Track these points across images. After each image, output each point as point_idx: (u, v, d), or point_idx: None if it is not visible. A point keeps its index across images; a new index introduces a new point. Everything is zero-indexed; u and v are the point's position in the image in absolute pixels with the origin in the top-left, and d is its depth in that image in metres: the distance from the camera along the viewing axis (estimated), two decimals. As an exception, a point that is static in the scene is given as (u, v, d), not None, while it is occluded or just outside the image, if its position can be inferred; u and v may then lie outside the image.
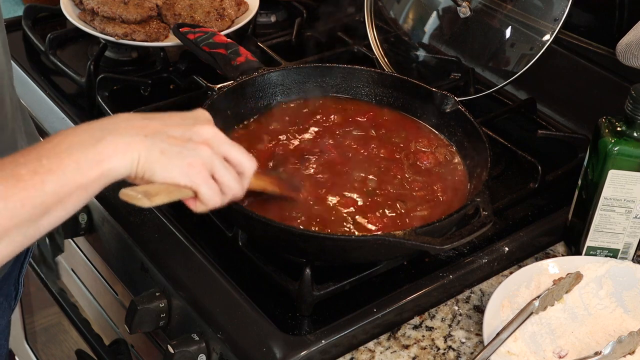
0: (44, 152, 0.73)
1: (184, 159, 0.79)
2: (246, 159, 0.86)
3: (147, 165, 0.77)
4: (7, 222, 0.70)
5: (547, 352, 0.97)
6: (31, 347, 1.79)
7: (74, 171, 0.73)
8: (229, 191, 0.84)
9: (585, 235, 1.09)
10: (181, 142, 0.80)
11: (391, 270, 1.05)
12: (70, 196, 0.74)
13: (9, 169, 0.72)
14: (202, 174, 0.80)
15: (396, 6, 1.48)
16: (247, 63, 1.19)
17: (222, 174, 0.82)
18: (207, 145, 0.81)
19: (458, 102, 1.16)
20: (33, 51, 1.49)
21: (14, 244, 0.73)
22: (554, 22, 1.26)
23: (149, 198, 0.78)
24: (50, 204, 0.73)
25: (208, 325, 0.97)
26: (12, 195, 0.70)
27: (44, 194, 0.72)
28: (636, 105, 1.01)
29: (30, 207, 0.71)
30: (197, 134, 0.81)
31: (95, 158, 0.74)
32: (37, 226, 0.73)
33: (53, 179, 0.72)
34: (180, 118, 0.83)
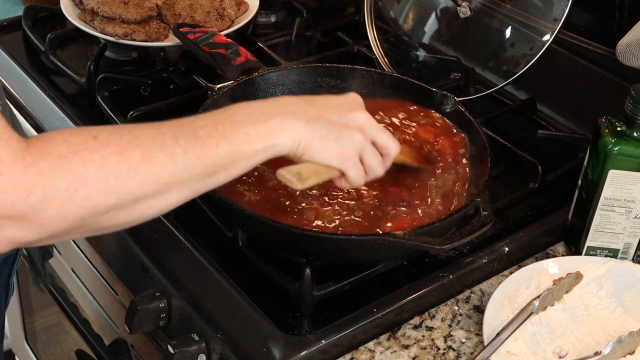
0: (220, 120, 0.82)
1: (339, 145, 0.88)
2: (392, 142, 0.94)
3: (307, 148, 0.86)
4: (183, 174, 0.77)
5: (547, 352, 0.97)
6: (31, 347, 1.79)
7: (243, 141, 0.81)
8: (373, 172, 0.92)
9: (585, 235, 1.09)
10: (338, 127, 0.88)
11: (391, 270, 1.05)
12: (236, 162, 0.82)
13: (190, 128, 0.79)
14: (353, 158, 0.90)
15: (396, 6, 1.48)
16: (247, 63, 1.19)
17: (370, 158, 0.91)
18: (360, 132, 0.90)
19: (458, 102, 1.16)
20: (33, 51, 1.49)
21: (183, 195, 0.80)
22: (554, 22, 1.26)
23: (302, 182, 0.87)
24: (220, 166, 0.80)
25: (208, 325, 0.97)
26: (190, 151, 0.77)
27: (216, 155, 0.79)
28: (636, 105, 1.01)
29: (203, 164, 0.79)
30: (353, 119, 0.89)
31: (263, 133, 0.83)
32: (204, 183, 0.81)
33: (225, 143, 0.80)
34: (337, 103, 0.91)
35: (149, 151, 0.75)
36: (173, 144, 0.77)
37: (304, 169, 0.88)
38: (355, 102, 0.92)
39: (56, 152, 0.71)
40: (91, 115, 1.34)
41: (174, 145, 0.77)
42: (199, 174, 0.79)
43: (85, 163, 0.72)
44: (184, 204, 1.10)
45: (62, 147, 0.71)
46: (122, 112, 1.28)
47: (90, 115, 1.34)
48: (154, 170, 0.75)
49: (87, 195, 0.72)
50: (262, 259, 1.02)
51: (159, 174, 0.76)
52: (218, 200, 0.98)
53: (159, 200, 0.78)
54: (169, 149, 0.76)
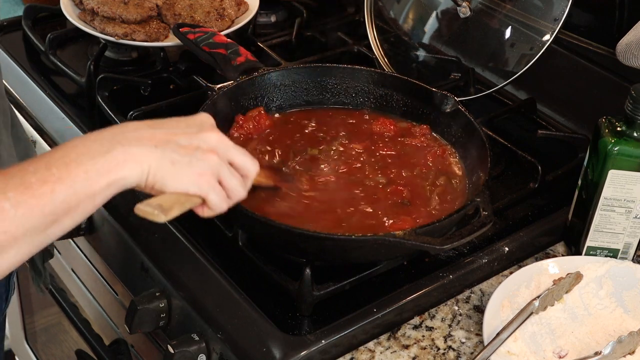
0: (53, 161, 0.74)
1: (193, 169, 0.81)
2: (249, 162, 0.88)
3: (159, 176, 0.79)
4: (17, 230, 0.71)
5: (547, 352, 0.97)
6: (31, 347, 1.79)
7: (83, 181, 0.74)
8: (234, 195, 0.86)
9: (585, 235, 1.09)
10: (190, 150, 0.81)
11: (391, 270, 1.05)
12: (79, 205, 0.74)
13: (19, 177, 0.72)
14: (210, 182, 0.83)
15: (396, 6, 1.48)
16: (247, 63, 1.19)
17: (229, 180, 0.85)
18: (214, 153, 0.83)
19: (458, 102, 1.16)
20: (33, 51, 1.49)
21: (23, 253, 0.73)
22: (554, 22, 1.26)
23: (165, 213, 0.80)
24: (60, 213, 0.73)
25: (208, 325, 0.97)
26: (22, 203, 0.70)
27: (53, 202, 0.72)
28: (636, 105, 1.01)
29: (39, 215, 0.72)
30: (204, 141, 0.83)
31: (104, 168, 0.75)
32: (45, 235, 0.74)
33: (62, 188, 0.73)
34: (185, 125, 0.84)
35: None
36: (1, 199, 0.70)
37: (163, 200, 0.80)
38: (206, 123, 0.86)
39: None
40: (91, 115, 1.34)
41: (3, 201, 0.69)
42: (37, 226, 0.72)
43: None
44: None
45: None
46: (122, 112, 1.28)
47: (90, 115, 1.34)
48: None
49: None
50: (262, 259, 1.02)
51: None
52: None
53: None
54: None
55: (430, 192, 1.08)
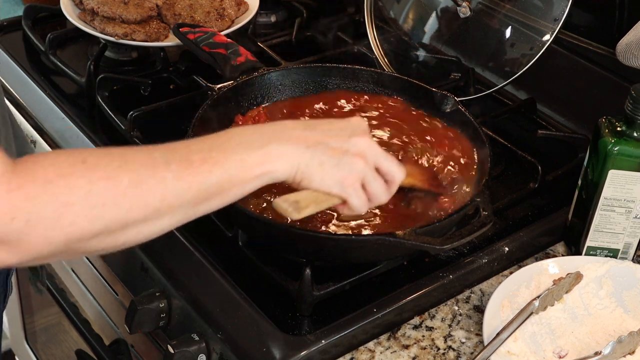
0: (215, 145, 0.80)
1: (340, 172, 0.85)
2: (396, 169, 0.90)
3: (306, 174, 0.84)
4: (174, 200, 0.76)
5: (547, 352, 0.97)
6: (31, 347, 1.79)
7: (237, 168, 0.79)
8: (376, 199, 0.90)
9: (585, 235, 1.09)
10: (339, 154, 0.85)
11: (391, 270, 1.05)
12: (230, 189, 0.79)
13: (183, 153, 0.77)
14: (354, 185, 0.87)
15: (396, 6, 1.48)
16: (247, 63, 1.19)
17: (373, 185, 0.88)
18: (361, 158, 0.86)
19: (458, 102, 1.16)
20: (33, 51, 1.49)
21: (174, 221, 0.78)
22: (554, 22, 1.26)
23: (299, 211, 0.85)
24: (212, 193, 0.78)
25: (208, 325, 0.97)
26: (183, 177, 0.75)
27: (209, 182, 0.77)
28: (636, 105, 1.01)
29: (195, 190, 0.77)
30: (354, 145, 0.86)
31: (258, 160, 0.80)
32: (196, 209, 0.79)
33: (219, 170, 0.78)
34: (339, 128, 0.88)
35: (139, 176, 0.73)
36: (164, 170, 0.75)
37: (302, 197, 0.86)
38: (359, 128, 0.89)
39: (42, 176, 0.69)
40: (91, 115, 1.34)
41: (165, 171, 0.75)
42: (191, 200, 0.77)
43: (71, 188, 0.70)
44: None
45: (49, 171, 0.70)
46: (122, 112, 1.28)
47: (90, 115, 1.34)
48: (143, 196, 0.73)
49: (72, 221, 0.70)
50: (262, 259, 1.02)
51: (148, 200, 0.74)
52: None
53: (148, 226, 0.76)
54: (160, 175, 0.74)
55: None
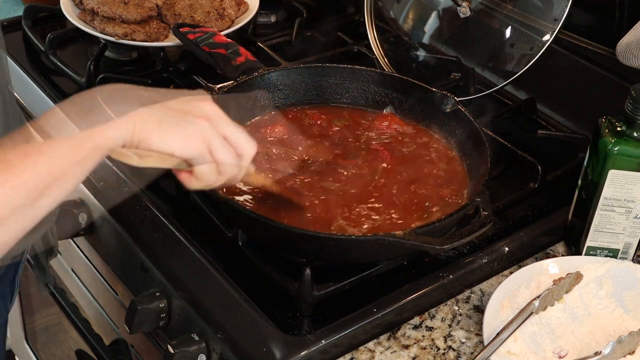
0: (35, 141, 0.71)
1: (182, 130, 0.76)
2: (247, 140, 0.83)
3: (144, 135, 0.74)
4: (5, 207, 0.68)
5: (547, 352, 0.97)
6: (31, 347, 1.79)
7: (66, 149, 0.70)
8: (226, 172, 0.81)
9: (585, 235, 1.09)
10: (180, 113, 0.77)
11: (391, 270, 1.05)
12: (66, 174, 0.71)
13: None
14: (199, 147, 0.78)
15: (396, 6, 1.48)
16: (247, 63, 1.19)
17: (220, 152, 0.79)
18: (206, 120, 0.79)
19: (458, 102, 1.16)
20: (33, 51, 1.49)
21: (14, 230, 0.70)
22: (554, 22, 1.26)
23: (141, 157, 0.76)
24: (46, 185, 0.70)
25: (208, 325, 0.97)
26: (3, 183, 0.67)
27: (36, 176, 0.68)
28: (636, 105, 1.01)
29: (24, 192, 0.68)
30: (197, 107, 0.79)
31: (87, 132, 0.72)
32: (34, 208, 0.70)
33: (44, 159, 0.69)
34: (180, 93, 0.81)
35: None
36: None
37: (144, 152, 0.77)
38: (200, 94, 0.82)
39: None
40: (91, 115, 1.34)
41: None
42: (24, 202, 0.68)
43: None
44: (184, 206, 1.11)
45: None
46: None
47: (90, 115, 1.33)
48: None
49: None
50: (262, 259, 1.02)
51: None
52: (218, 200, 0.98)
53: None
54: None
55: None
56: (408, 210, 1.05)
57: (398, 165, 1.12)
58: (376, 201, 1.05)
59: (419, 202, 1.06)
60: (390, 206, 1.05)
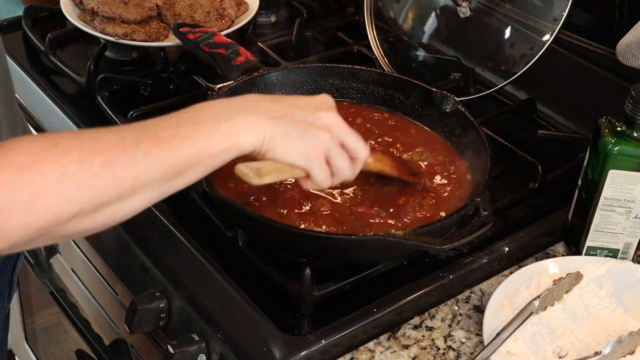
0: (183, 121, 0.80)
1: (304, 143, 0.85)
2: (361, 146, 0.91)
3: (271, 145, 0.84)
4: (147, 178, 0.76)
5: (547, 352, 0.97)
6: (31, 347, 1.79)
7: (206, 141, 0.79)
8: (340, 175, 0.90)
9: (585, 235, 1.09)
10: (304, 126, 0.86)
11: (391, 270, 1.05)
12: (200, 162, 0.80)
13: (152, 131, 0.78)
14: (318, 158, 0.87)
15: (396, 6, 1.48)
16: (247, 63, 1.19)
17: (337, 159, 0.88)
18: (327, 132, 0.87)
19: (458, 102, 1.16)
20: (33, 51, 1.49)
21: (149, 198, 0.79)
22: (554, 22, 1.26)
23: (260, 177, 0.86)
24: (184, 167, 0.79)
25: (208, 325, 0.97)
26: (153, 154, 0.76)
27: (179, 156, 0.78)
28: (636, 105, 1.01)
29: (167, 166, 0.77)
30: (320, 119, 0.87)
31: (226, 132, 0.81)
32: (169, 185, 0.79)
33: (188, 144, 0.78)
34: (305, 103, 0.89)
35: (110, 156, 0.74)
36: (134, 148, 0.76)
37: (264, 164, 0.86)
38: (325, 103, 0.89)
39: (17, 162, 0.70)
40: (91, 115, 1.34)
41: (136, 149, 0.76)
42: (163, 176, 0.78)
43: (45, 173, 0.71)
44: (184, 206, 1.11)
45: (23, 157, 0.71)
46: (122, 112, 1.28)
47: (90, 115, 1.34)
48: (115, 176, 0.74)
49: (48, 206, 0.71)
50: (262, 259, 1.02)
51: (121, 179, 0.75)
52: (218, 200, 0.98)
53: (123, 204, 0.77)
54: (131, 153, 0.75)
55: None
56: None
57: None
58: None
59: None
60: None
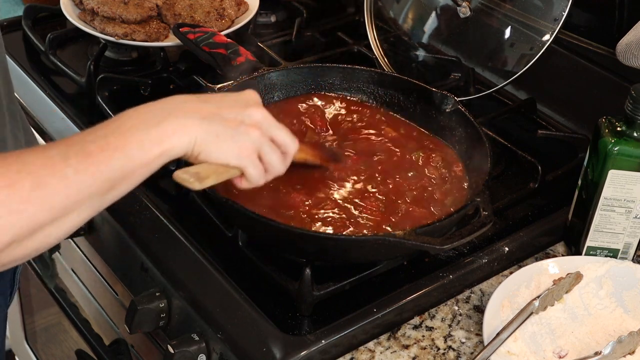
0: (110, 131, 0.78)
1: (236, 142, 0.85)
2: (290, 140, 0.91)
3: (203, 147, 0.82)
4: (79, 195, 0.75)
5: (547, 352, 0.97)
6: (31, 347, 1.79)
7: (137, 149, 0.78)
8: (273, 170, 0.90)
9: (585, 235, 1.09)
10: (234, 124, 0.85)
11: (391, 270, 1.05)
12: (134, 172, 0.78)
13: (79, 145, 0.76)
14: (251, 156, 0.87)
15: (396, 6, 1.48)
16: (247, 63, 1.19)
17: (269, 156, 0.89)
18: (257, 129, 0.87)
19: (458, 102, 1.16)
20: (33, 51, 1.49)
21: (83, 215, 0.77)
22: (554, 22, 1.26)
23: (200, 181, 0.84)
24: (117, 180, 0.77)
25: (208, 325, 0.97)
26: (82, 170, 0.74)
27: (111, 169, 0.76)
28: (636, 105, 1.01)
29: (99, 181, 0.76)
30: (249, 116, 0.87)
31: (156, 138, 0.79)
32: (103, 200, 0.78)
33: (119, 156, 0.77)
34: (233, 100, 0.88)
35: (40, 178, 0.72)
36: (63, 166, 0.74)
37: (202, 168, 0.85)
38: (252, 99, 0.89)
39: None
40: (91, 115, 1.34)
41: (65, 167, 0.73)
42: (96, 191, 0.76)
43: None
44: (184, 206, 1.11)
45: None
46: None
47: (90, 115, 1.33)
48: (47, 198, 0.72)
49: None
50: (262, 259, 1.02)
51: (53, 200, 0.73)
52: (218, 200, 0.98)
53: (57, 226, 0.75)
54: (60, 172, 0.73)
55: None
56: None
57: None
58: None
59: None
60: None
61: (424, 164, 1.12)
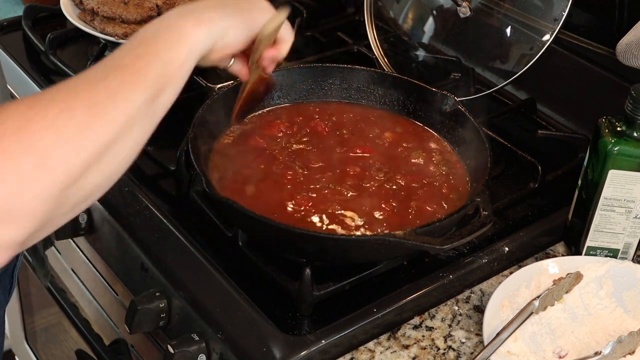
0: (135, 44, 0.79)
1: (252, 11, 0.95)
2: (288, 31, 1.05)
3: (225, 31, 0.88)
4: (129, 106, 0.74)
5: (547, 352, 0.97)
6: (31, 347, 1.79)
7: (167, 50, 0.79)
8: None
9: (585, 235, 1.09)
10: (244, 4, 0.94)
11: (391, 270, 1.05)
12: (173, 74, 0.79)
13: (112, 63, 0.76)
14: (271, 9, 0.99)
15: (396, 6, 1.48)
16: (247, 63, 1.19)
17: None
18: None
19: (458, 102, 1.16)
20: (33, 51, 1.49)
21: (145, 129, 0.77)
22: (554, 22, 1.26)
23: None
24: (160, 84, 0.77)
25: (208, 325, 0.97)
26: (123, 83, 0.74)
27: (149, 75, 0.76)
28: (636, 105, 1.01)
29: (143, 87, 0.76)
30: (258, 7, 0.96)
31: (180, 35, 0.81)
32: (154, 107, 0.78)
33: (152, 59, 0.77)
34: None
35: (95, 96, 0.72)
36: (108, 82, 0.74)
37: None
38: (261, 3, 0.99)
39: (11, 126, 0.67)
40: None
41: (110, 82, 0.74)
42: (145, 99, 0.76)
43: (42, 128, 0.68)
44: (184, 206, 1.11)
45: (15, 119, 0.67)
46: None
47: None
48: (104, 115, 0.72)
49: (57, 162, 0.68)
50: (262, 259, 1.02)
51: (113, 113, 0.73)
52: (218, 200, 0.98)
53: (124, 141, 0.74)
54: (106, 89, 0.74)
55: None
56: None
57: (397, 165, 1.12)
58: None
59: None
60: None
61: (424, 164, 1.12)
